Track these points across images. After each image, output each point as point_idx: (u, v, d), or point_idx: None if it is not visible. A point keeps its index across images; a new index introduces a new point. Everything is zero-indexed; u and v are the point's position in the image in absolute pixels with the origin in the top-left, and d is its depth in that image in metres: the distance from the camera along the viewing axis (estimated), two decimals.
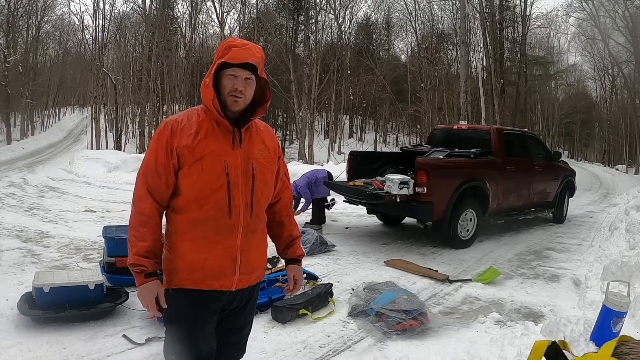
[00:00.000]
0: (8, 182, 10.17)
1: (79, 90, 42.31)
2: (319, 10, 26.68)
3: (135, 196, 1.58)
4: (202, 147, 1.54)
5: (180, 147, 1.54)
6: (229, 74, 1.54)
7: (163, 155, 1.55)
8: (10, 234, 5.58)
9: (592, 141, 40.12)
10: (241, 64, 1.53)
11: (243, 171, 1.59)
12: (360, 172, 6.61)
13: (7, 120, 24.78)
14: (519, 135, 7.26)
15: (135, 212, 1.57)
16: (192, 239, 1.57)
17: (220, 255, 1.58)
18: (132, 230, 1.56)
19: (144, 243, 1.54)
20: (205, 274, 1.58)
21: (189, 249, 1.57)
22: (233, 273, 1.61)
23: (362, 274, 4.51)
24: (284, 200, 1.85)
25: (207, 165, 1.54)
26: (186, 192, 1.56)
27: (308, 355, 2.84)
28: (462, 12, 16.50)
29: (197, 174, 1.54)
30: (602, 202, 11.53)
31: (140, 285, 1.55)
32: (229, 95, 1.55)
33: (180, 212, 1.58)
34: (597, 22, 23.46)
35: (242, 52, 1.53)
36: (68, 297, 3.07)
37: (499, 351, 2.76)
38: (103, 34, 23.09)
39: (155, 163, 1.56)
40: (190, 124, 1.57)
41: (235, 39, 1.60)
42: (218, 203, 1.55)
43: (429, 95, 26.69)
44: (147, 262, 1.54)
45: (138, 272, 1.54)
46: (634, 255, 4.19)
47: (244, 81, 1.55)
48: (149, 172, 1.56)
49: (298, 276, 1.88)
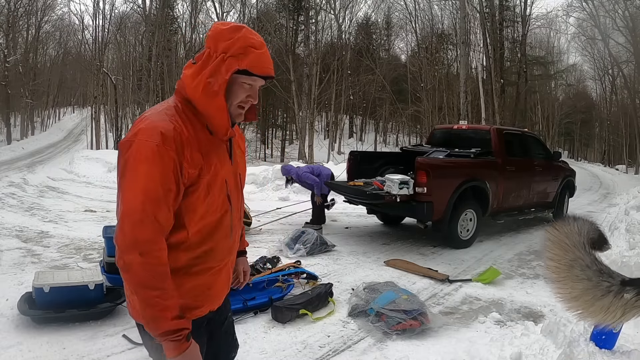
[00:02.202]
0: (8, 182, 10.17)
1: (79, 90, 42.30)
2: (319, 10, 26.68)
3: (141, 242, 1.13)
4: (208, 167, 1.25)
5: (192, 170, 1.20)
6: (246, 82, 1.26)
7: (171, 181, 1.16)
8: (10, 234, 5.58)
9: (592, 141, 40.11)
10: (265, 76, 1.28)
11: (235, 186, 1.40)
12: (360, 172, 6.62)
13: (7, 120, 24.77)
14: (519, 135, 7.25)
15: (150, 264, 1.14)
16: (193, 274, 1.30)
17: (221, 281, 1.42)
18: (149, 290, 1.14)
19: (174, 300, 1.18)
20: (207, 303, 1.38)
21: (189, 286, 1.29)
22: (226, 291, 1.49)
23: (362, 274, 4.51)
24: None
25: (215, 190, 1.28)
26: (190, 224, 1.25)
27: (308, 355, 2.84)
28: (462, 12, 16.50)
29: (204, 201, 1.26)
30: (602, 202, 11.52)
31: (181, 353, 1.18)
32: (236, 107, 1.28)
33: (177, 247, 1.24)
34: (597, 22, 23.48)
35: (266, 60, 1.26)
36: (68, 297, 3.07)
37: (499, 351, 2.76)
38: (103, 34, 23.14)
39: (164, 193, 1.15)
40: (192, 134, 1.23)
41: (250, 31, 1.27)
42: (224, 229, 1.34)
43: (429, 95, 26.70)
44: (187, 323, 1.20)
45: (179, 339, 1.17)
46: (634, 255, 4.19)
47: (257, 91, 1.31)
48: (158, 205, 1.14)
49: (247, 268, 1.73)
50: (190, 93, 1.25)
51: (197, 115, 1.26)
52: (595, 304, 1.11)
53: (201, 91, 1.23)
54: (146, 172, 1.14)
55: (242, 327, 3.16)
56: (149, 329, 1.18)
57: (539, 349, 2.70)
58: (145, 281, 1.14)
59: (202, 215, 1.26)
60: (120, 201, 1.16)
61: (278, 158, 29.90)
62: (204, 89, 1.22)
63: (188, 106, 1.27)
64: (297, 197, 9.21)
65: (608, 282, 1.12)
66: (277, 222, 6.86)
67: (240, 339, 2.95)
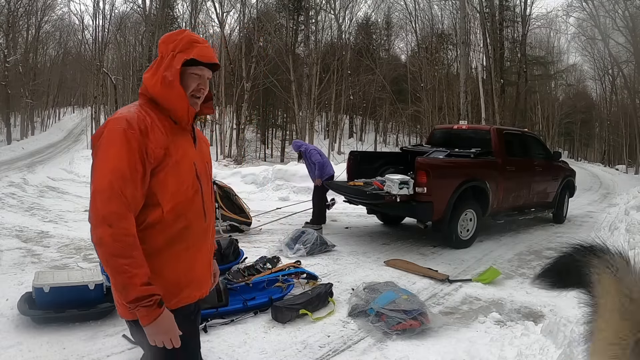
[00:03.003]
0: (8, 182, 10.16)
1: (79, 90, 42.31)
2: (319, 10, 26.70)
3: (110, 215, 1.24)
4: (175, 149, 1.39)
5: (157, 149, 1.33)
6: (194, 73, 1.42)
7: (137, 161, 1.28)
8: (10, 234, 5.58)
9: (592, 141, 40.11)
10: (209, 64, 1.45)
11: (205, 172, 1.52)
12: (360, 172, 6.62)
13: (7, 120, 24.75)
14: (519, 135, 7.26)
15: (118, 234, 1.23)
16: (172, 254, 1.38)
17: (202, 262, 1.49)
18: (118, 258, 1.23)
19: (144, 269, 1.26)
20: (192, 287, 1.45)
21: (169, 266, 1.38)
22: (210, 278, 1.56)
23: (362, 274, 4.51)
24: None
25: (184, 168, 1.41)
26: (163, 202, 1.35)
27: (308, 355, 2.84)
28: (462, 12, 16.50)
29: (175, 180, 1.38)
30: (602, 202, 11.53)
31: (155, 319, 1.26)
32: (190, 96, 1.43)
33: (154, 226, 1.35)
34: (597, 22, 23.47)
35: (210, 51, 1.44)
36: (68, 297, 3.07)
37: (499, 351, 2.76)
38: (103, 34, 23.11)
39: (130, 171, 1.27)
40: (156, 121, 1.38)
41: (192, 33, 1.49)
42: (196, 208, 1.44)
43: (429, 95, 26.70)
44: (156, 289, 1.28)
45: (150, 304, 1.25)
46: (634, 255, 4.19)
47: (206, 81, 1.47)
48: (125, 182, 1.26)
49: (216, 269, 1.77)
50: (151, 90, 1.41)
51: (160, 110, 1.42)
52: None
53: (160, 85, 1.40)
54: (114, 153, 1.28)
55: (242, 327, 3.16)
56: (122, 298, 1.26)
57: (539, 349, 2.70)
58: (115, 251, 1.24)
59: (174, 192, 1.38)
60: (92, 181, 1.29)
61: (278, 158, 29.89)
62: (162, 82, 1.39)
63: (151, 104, 1.42)
64: (297, 197, 9.22)
65: None
66: (277, 222, 6.86)
67: (240, 339, 2.98)
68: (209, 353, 2.77)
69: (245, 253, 4.61)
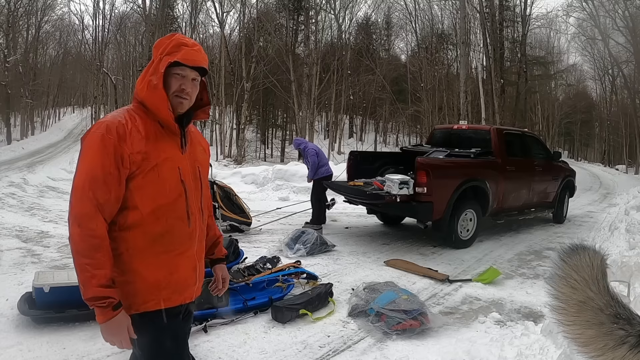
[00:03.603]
0: (8, 182, 10.16)
1: (79, 90, 42.31)
2: (319, 10, 26.71)
3: (80, 215, 1.32)
4: (156, 153, 1.41)
5: (134, 154, 1.37)
6: (175, 73, 1.45)
7: (112, 165, 1.34)
8: (10, 234, 5.58)
9: (592, 141, 40.11)
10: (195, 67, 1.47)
11: (192, 176, 1.52)
12: (360, 172, 6.62)
13: (7, 120, 24.72)
14: (519, 135, 7.26)
15: (84, 235, 1.31)
16: (152, 255, 1.42)
17: (184, 267, 1.50)
18: (82, 257, 1.31)
19: (103, 271, 1.31)
20: (171, 290, 1.46)
21: (149, 267, 1.42)
22: (194, 283, 1.55)
23: (362, 274, 4.51)
24: (207, 201, 1.75)
25: (165, 172, 1.42)
26: (142, 205, 1.39)
27: (308, 355, 2.84)
28: (462, 12, 16.51)
29: (154, 183, 1.40)
30: (602, 202, 11.53)
31: (107, 320, 1.33)
32: (173, 96, 1.45)
33: (134, 228, 1.40)
34: (597, 22, 23.48)
35: (196, 54, 1.46)
36: (68, 297, 3.06)
37: (499, 351, 2.76)
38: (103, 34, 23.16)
39: (103, 174, 1.33)
40: (137, 126, 1.41)
41: (183, 36, 1.50)
42: (178, 212, 1.46)
43: (429, 95, 26.71)
44: (112, 292, 1.33)
45: (104, 305, 1.32)
46: (634, 255, 4.19)
47: (191, 82, 1.47)
48: (97, 184, 1.32)
49: (225, 275, 1.81)
50: (140, 94, 1.46)
51: (148, 113, 1.45)
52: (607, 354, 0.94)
53: (146, 89, 1.44)
54: (90, 157, 1.35)
55: (242, 327, 3.17)
56: (82, 294, 1.35)
57: (539, 349, 2.70)
58: (80, 249, 1.32)
59: (154, 196, 1.41)
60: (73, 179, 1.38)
61: (278, 158, 29.89)
62: (147, 86, 1.43)
63: (140, 107, 1.47)
64: (297, 197, 9.22)
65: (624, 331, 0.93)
66: (277, 222, 6.86)
67: (240, 339, 2.98)
68: (209, 353, 2.78)
69: (245, 253, 4.61)
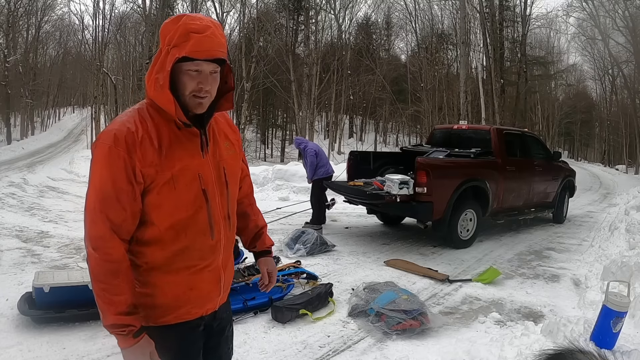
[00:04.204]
0: (8, 182, 10.16)
1: (79, 90, 42.32)
2: (319, 10, 26.71)
3: (94, 238, 1.21)
4: (170, 163, 1.23)
5: (146, 167, 1.20)
6: (190, 70, 1.22)
7: (123, 180, 1.19)
8: (10, 234, 5.58)
9: (592, 141, 40.13)
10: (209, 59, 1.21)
11: (216, 180, 1.33)
12: (360, 172, 6.62)
13: (7, 120, 24.74)
14: (519, 135, 7.25)
15: (100, 260, 1.20)
16: (172, 272, 1.30)
17: (207, 281, 1.36)
18: (99, 283, 1.20)
19: (122, 297, 1.20)
20: (190, 305, 1.35)
21: (168, 283, 1.30)
22: (218, 295, 1.41)
23: (362, 274, 4.51)
24: (245, 189, 1.60)
25: (182, 184, 1.25)
26: (159, 221, 1.25)
27: (308, 355, 2.84)
28: (462, 12, 16.50)
29: (170, 198, 1.24)
30: (602, 202, 11.53)
31: (129, 347, 1.23)
32: (191, 97, 1.24)
33: (152, 244, 1.27)
34: (597, 22, 23.47)
35: (209, 42, 1.19)
36: (68, 297, 3.07)
37: (499, 351, 2.76)
38: (103, 34, 23.09)
39: (114, 191, 1.18)
40: (148, 132, 1.22)
41: (192, 18, 1.21)
42: (199, 226, 1.30)
43: (429, 95, 26.71)
44: (132, 320, 1.22)
45: (124, 334, 1.21)
46: (634, 255, 4.20)
47: (210, 77, 1.24)
48: (109, 204, 1.19)
49: (272, 269, 1.64)
50: (148, 92, 1.27)
51: (161, 112, 1.26)
52: None
53: (153, 88, 1.24)
54: (99, 173, 1.20)
55: (242, 327, 3.16)
56: (101, 319, 1.23)
57: (539, 349, 2.69)
58: (97, 274, 1.20)
59: (171, 212, 1.25)
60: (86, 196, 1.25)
61: (278, 158, 29.90)
62: (154, 85, 1.23)
63: (153, 105, 1.27)
64: (297, 197, 9.22)
65: None
66: (277, 222, 6.86)
67: (240, 339, 2.97)
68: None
69: (245, 253, 4.61)
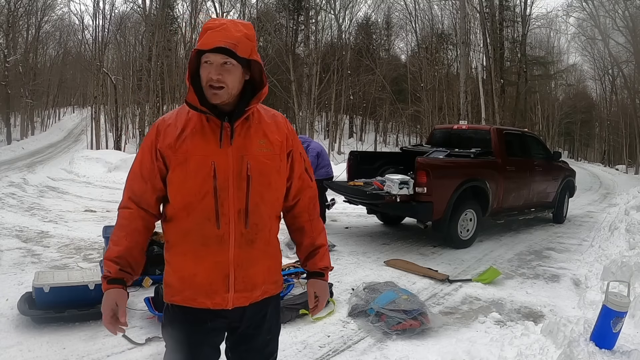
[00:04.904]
0: (8, 182, 10.16)
1: (79, 90, 42.30)
2: (319, 10, 26.70)
3: (121, 202, 1.45)
4: (185, 147, 1.36)
5: (164, 148, 1.38)
6: (204, 61, 1.34)
7: (148, 159, 1.40)
8: (10, 234, 5.58)
9: (592, 141, 40.14)
10: (213, 49, 1.30)
11: (235, 173, 1.37)
12: (360, 172, 6.62)
13: (7, 120, 24.74)
14: (519, 135, 7.25)
15: (118, 217, 1.43)
16: (182, 252, 1.40)
17: (209, 271, 1.38)
18: (113, 233, 1.43)
19: (117, 247, 1.38)
20: (195, 291, 1.40)
21: (179, 263, 1.41)
22: (226, 290, 1.39)
23: (362, 274, 4.51)
24: (304, 203, 1.59)
25: (192, 167, 1.35)
26: (173, 198, 1.40)
27: (308, 355, 2.84)
28: (462, 12, 16.51)
29: (181, 178, 1.37)
30: (602, 202, 11.53)
31: (104, 291, 1.38)
32: (207, 88, 1.34)
33: (170, 221, 1.42)
34: (597, 22, 23.48)
35: (215, 35, 1.30)
36: (68, 297, 3.07)
37: (499, 351, 2.76)
38: (103, 34, 23.11)
39: (140, 167, 1.42)
40: (177, 121, 1.40)
41: (216, 19, 1.39)
42: (205, 211, 1.35)
43: (429, 95, 26.70)
44: (112, 268, 1.37)
45: (104, 276, 1.38)
46: (634, 255, 4.20)
47: (219, 68, 1.32)
48: (134, 177, 1.43)
49: (320, 292, 1.58)
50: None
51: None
52: None
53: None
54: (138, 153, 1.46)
55: None
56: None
57: (539, 349, 2.70)
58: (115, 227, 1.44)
59: (182, 192, 1.38)
60: None
61: None
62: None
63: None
64: None
65: None
66: None
67: None
68: None
69: None
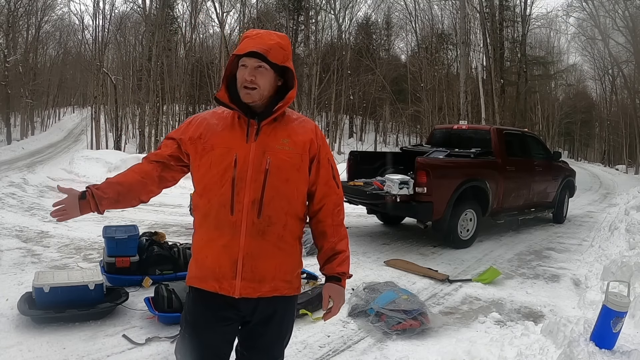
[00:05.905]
0: (8, 182, 10.15)
1: (79, 90, 42.31)
2: (319, 10, 26.74)
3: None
4: (214, 139, 1.51)
5: (195, 138, 1.53)
6: (240, 65, 1.49)
7: (174, 138, 1.59)
8: (10, 234, 5.58)
9: (592, 141, 40.13)
10: (246, 54, 1.46)
11: (255, 165, 1.47)
12: (360, 172, 6.61)
13: (7, 120, 24.76)
14: (519, 135, 7.25)
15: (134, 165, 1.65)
16: (200, 236, 1.55)
17: (219, 254, 1.47)
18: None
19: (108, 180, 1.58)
20: (206, 273, 1.50)
21: (196, 246, 1.56)
22: (233, 277, 1.47)
23: (362, 274, 4.51)
24: (329, 208, 1.62)
25: (216, 157, 1.49)
26: (197, 184, 1.54)
27: (308, 355, 2.84)
28: (462, 12, 16.52)
29: (206, 166, 1.50)
30: (602, 202, 11.53)
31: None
32: (241, 88, 1.49)
33: (196, 207, 1.57)
34: (597, 22, 23.48)
35: (250, 42, 1.47)
36: (68, 297, 3.07)
37: (499, 351, 2.76)
38: (103, 34, 23.12)
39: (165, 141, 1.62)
40: (212, 117, 1.58)
41: (254, 30, 1.57)
42: (222, 197, 1.47)
43: (429, 95, 26.72)
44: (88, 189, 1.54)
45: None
46: (634, 255, 4.20)
47: (253, 70, 1.47)
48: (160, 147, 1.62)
49: (335, 296, 1.65)
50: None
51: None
52: None
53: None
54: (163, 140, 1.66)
55: None
56: None
57: (539, 349, 2.70)
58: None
59: (204, 177, 1.51)
60: None
61: None
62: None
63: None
64: None
65: None
66: None
67: None
68: None
69: None
